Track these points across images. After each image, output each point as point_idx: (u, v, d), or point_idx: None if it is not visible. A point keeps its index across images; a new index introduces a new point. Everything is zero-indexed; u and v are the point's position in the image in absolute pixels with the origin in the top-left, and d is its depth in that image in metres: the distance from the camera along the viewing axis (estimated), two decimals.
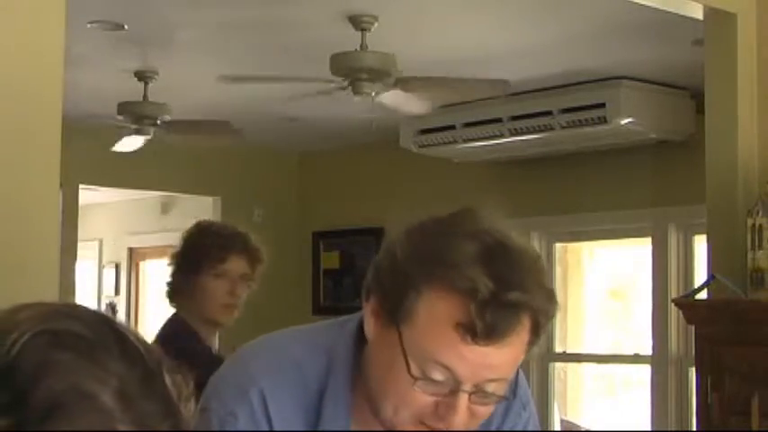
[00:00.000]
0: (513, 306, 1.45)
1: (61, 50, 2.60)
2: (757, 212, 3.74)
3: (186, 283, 3.31)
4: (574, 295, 7.16)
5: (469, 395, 1.49)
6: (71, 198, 7.50)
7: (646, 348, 6.52)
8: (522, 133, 6.33)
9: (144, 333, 0.88)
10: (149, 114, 6.16)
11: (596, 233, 6.94)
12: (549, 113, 6.17)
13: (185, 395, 0.85)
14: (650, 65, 5.74)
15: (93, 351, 0.81)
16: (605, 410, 7.26)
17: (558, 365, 7.03)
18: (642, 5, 4.13)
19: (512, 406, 1.67)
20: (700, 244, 6.07)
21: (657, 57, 5.55)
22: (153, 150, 6.84)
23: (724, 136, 4.02)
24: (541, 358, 6.86)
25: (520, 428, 1.71)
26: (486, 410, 1.54)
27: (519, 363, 1.53)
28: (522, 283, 1.45)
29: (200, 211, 8.84)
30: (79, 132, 5.42)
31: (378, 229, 7.66)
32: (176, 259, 3.37)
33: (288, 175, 8.60)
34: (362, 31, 5.03)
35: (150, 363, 0.84)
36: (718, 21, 4.07)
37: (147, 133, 6.19)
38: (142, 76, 6.09)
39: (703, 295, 3.97)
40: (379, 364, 1.54)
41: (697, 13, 4.13)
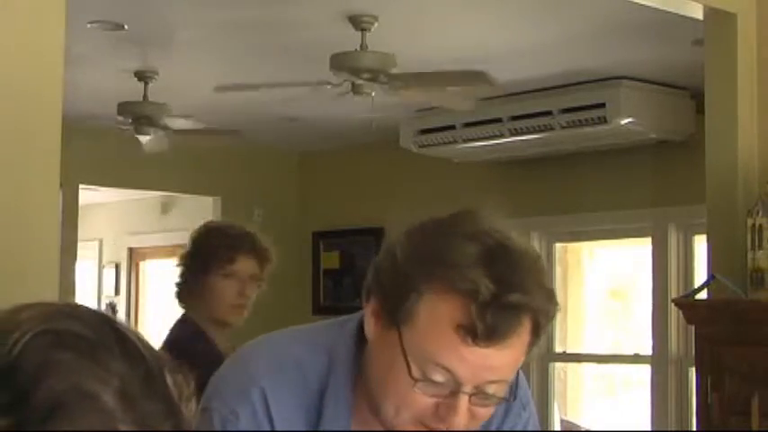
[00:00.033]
0: (514, 307, 1.44)
1: (61, 50, 2.60)
2: (757, 212, 3.74)
3: (195, 284, 3.30)
4: (574, 295, 7.16)
5: (470, 397, 1.49)
6: (71, 198, 7.49)
7: (646, 348, 6.52)
8: (522, 133, 6.33)
9: (144, 333, 0.88)
10: (149, 114, 6.16)
11: (596, 233, 6.93)
12: (549, 113, 6.16)
13: (186, 395, 0.85)
14: (650, 65, 5.74)
15: (94, 351, 0.81)
16: (605, 410, 7.26)
17: (558, 365, 7.03)
18: (642, 5, 4.13)
19: (512, 406, 1.67)
20: (700, 244, 6.06)
21: (657, 57, 5.55)
22: (153, 150, 6.82)
23: (724, 136, 4.02)
24: (541, 358, 6.86)
25: (520, 428, 1.71)
26: (487, 412, 1.54)
27: (519, 364, 1.53)
28: (523, 284, 1.45)
29: (200, 211, 8.84)
30: (79, 132, 5.42)
31: (378, 229, 7.66)
32: (185, 260, 3.37)
33: (288, 175, 8.60)
34: (362, 31, 5.03)
35: (151, 363, 0.84)
36: (718, 21, 4.07)
37: (148, 133, 6.19)
38: (142, 76, 6.09)
39: (703, 295, 3.97)
40: (380, 364, 1.54)
41: (697, 13, 4.13)
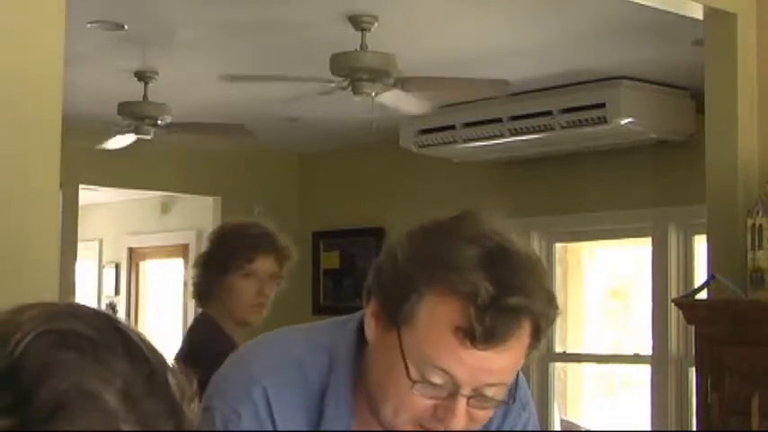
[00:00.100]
0: (514, 310, 1.44)
1: (61, 50, 2.60)
2: (757, 212, 3.74)
3: (214, 284, 3.31)
4: (574, 295, 7.16)
5: (468, 399, 1.48)
6: (71, 198, 7.49)
7: (646, 348, 6.52)
8: (522, 133, 6.33)
9: (144, 333, 0.88)
10: (149, 114, 6.15)
11: (596, 233, 6.93)
12: (549, 113, 6.16)
13: (189, 395, 0.85)
14: (650, 65, 5.74)
15: (96, 351, 0.81)
16: (605, 410, 7.26)
17: (558, 365, 7.03)
18: (642, 5, 4.13)
19: (511, 407, 1.66)
20: (700, 244, 6.06)
21: (657, 57, 5.55)
22: (153, 150, 6.84)
23: (724, 136, 4.02)
24: (541, 358, 6.86)
25: (519, 429, 1.71)
26: (485, 415, 1.54)
27: (519, 367, 1.53)
28: (523, 287, 1.45)
29: (200, 211, 8.86)
30: (79, 132, 5.41)
31: (378, 229, 7.66)
32: (203, 260, 3.38)
33: (288, 175, 8.60)
34: (362, 31, 5.03)
35: (154, 363, 0.83)
36: (718, 21, 4.07)
37: (148, 133, 6.19)
38: (142, 76, 6.09)
39: (703, 295, 3.97)
40: (379, 366, 1.54)
41: (697, 13, 4.13)
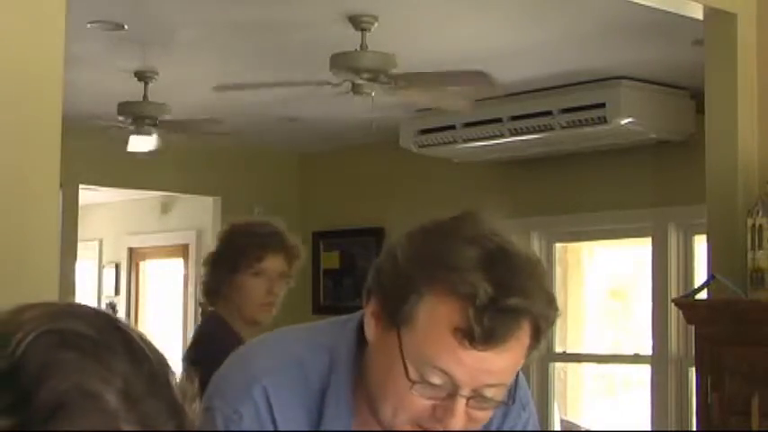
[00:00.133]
0: (513, 311, 1.44)
1: (61, 50, 2.60)
2: (757, 212, 3.74)
3: (224, 283, 3.32)
4: (574, 295, 7.16)
5: (467, 400, 1.48)
6: (71, 198, 7.49)
7: (646, 348, 6.52)
8: (522, 133, 6.33)
9: (145, 333, 0.88)
10: (149, 114, 6.16)
11: (596, 233, 6.93)
12: (549, 113, 6.16)
13: (190, 395, 0.85)
14: (650, 65, 5.74)
15: (97, 350, 0.81)
16: (605, 410, 7.26)
17: (558, 365, 7.03)
18: (642, 5, 4.13)
19: (511, 407, 1.67)
20: (700, 244, 6.06)
21: (657, 57, 5.55)
22: (153, 150, 6.81)
23: (724, 136, 4.02)
24: (541, 358, 6.85)
25: (519, 429, 1.71)
26: (485, 415, 1.54)
27: (519, 368, 1.53)
28: (523, 288, 1.45)
29: (200, 211, 8.86)
30: (79, 132, 5.41)
31: (378, 229, 7.66)
32: (212, 258, 3.38)
33: (288, 175, 8.59)
34: (362, 31, 5.03)
35: (155, 363, 0.83)
36: (718, 21, 4.07)
37: (148, 133, 6.19)
38: (142, 76, 6.09)
39: (703, 295, 3.97)
40: (379, 366, 1.54)
41: (697, 13, 4.13)
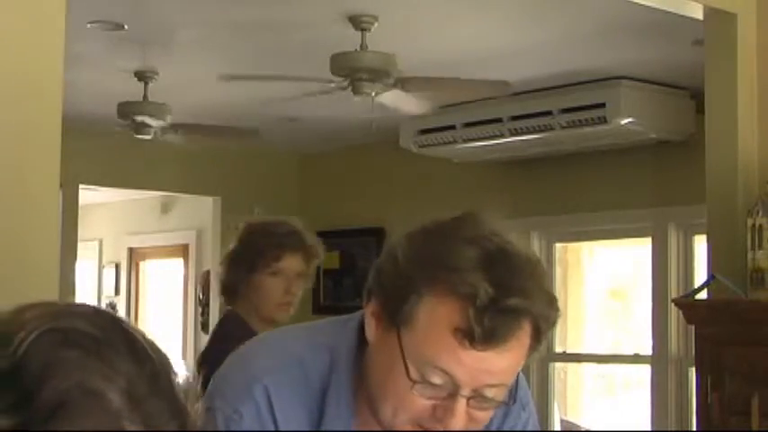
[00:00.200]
0: (513, 311, 1.44)
1: (61, 50, 2.60)
2: (757, 212, 3.74)
3: (242, 282, 3.32)
4: (574, 295, 7.16)
5: (468, 400, 1.48)
6: (71, 198, 7.49)
7: (646, 348, 6.52)
8: (523, 133, 6.33)
9: (147, 333, 0.87)
10: (149, 114, 6.16)
11: (596, 233, 6.93)
12: (549, 113, 6.16)
13: (193, 395, 0.85)
14: (650, 65, 5.74)
15: (100, 349, 0.80)
16: (605, 410, 7.26)
17: (558, 365, 7.03)
18: (642, 5, 4.13)
19: (511, 407, 1.67)
20: (700, 244, 6.06)
21: (657, 57, 5.55)
22: (153, 150, 6.83)
23: (724, 136, 4.02)
24: (541, 358, 6.85)
25: (519, 428, 1.71)
26: (485, 415, 1.54)
27: (519, 368, 1.53)
28: (523, 288, 1.45)
29: (200, 211, 8.86)
30: (79, 132, 5.41)
31: (378, 229, 7.66)
32: (230, 258, 3.38)
33: (288, 175, 8.59)
34: (362, 31, 5.03)
35: (158, 362, 0.83)
36: (718, 21, 4.07)
37: (148, 133, 6.19)
38: (142, 76, 6.09)
39: (703, 295, 3.97)
40: (379, 366, 1.54)
41: (697, 13, 4.13)
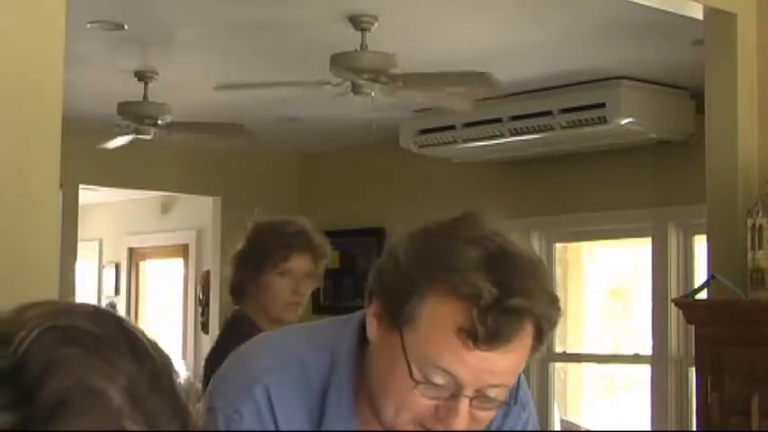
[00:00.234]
0: (516, 311, 1.44)
1: (61, 50, 2.60)
2: (757, 212, 3.74)
3: (250, 282, 3.31)
4: (574, 295, 7.16)
5: (470, 400, 1.49)
6: (71, 198, 7.49)
7: (646, 348, 6.52)
8: (522, 133, 6.33)
9: (148, 332, 0.87)
10: (149, 114, 6.15)
11: (596, 233, 6.93)
12: (549, 113, 6.16)
13: (194, 395, 0.85)
14: (650, 65, 5.74)
15: (101, 348, 0.80)
16: (605, 410, 7.26)
17: (558, 365, 7.03)
18: (642, 5, 4.13)
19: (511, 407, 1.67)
20: (700, 244, 6.06)
21: (657, 57, 5.54)
22: (153, 150, 6.83)
23: (724, 136, 4.02)
24: (541, 358, 6.84)
25: (519, 428, 1.71)
26: (487, 416, 1.54)
27: (521, 369, 1.53)
28: (526, 288, 1.45)
29: (200, 211, 8.86)
30: (79, 132, 5.41)
31: (378, 229, 7.66)
32: (238, 258, 3.38)
33: (288, 175, 8.59)
34: (362, 31, 5.03)
35: (159, 362, 0.83)
36: (718, 21, 4.07)
37: (148, 133, 6.19)
38: (142, 76, 6.09)
39: (703, 295, 3.97)
40: (381, 366, 1.54)
41: (697, 13, 4.13)
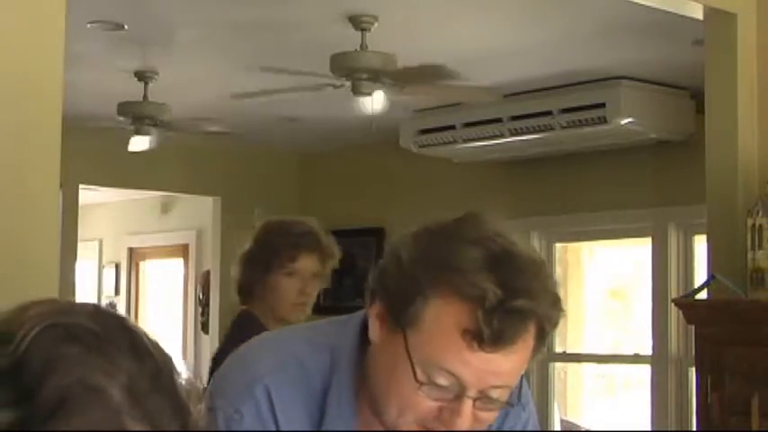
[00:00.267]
0: (520, 313, 1.44)
1: (61, 50, 2.60)
2: (757, 212, 3.74)
3: (257, 282, 3.31)
4: (574, 295, 7.16)
5: (474, 401, 1.49)
6: (71, 198, 7.49)
7: (646, 348, 6.52)
8: (522, 133, 6.33)
9: (149, 332, 0.87)
10: (149, 114, 6.16)
11: (596, 233, 6.93)
12: (549, 113, 6.16)
13: (195, 395, 0.84)
14: (650, 65, 5.74)
15: (101, 345, 0.80)
16: (605, 410, 7.26)
17: (558, 365, 7.03)
18: (642, 5, 4.13)
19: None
20: (700, 244, 6.06)
21: (657, 57, 5.54)
22: (153, 150, 6.82)
23: (724, 136, 4.02)
24: (542, 358, 6.82)
25: (519, 428, 1.71)
26: (490, 416, 1.54)
27: (524, 370, 1.53)
28: (529, 289, 1.45)
29: (200, 211, 8.86)
30: (79, 132, 5.41)
31: (378, 229, 7.66)
32: (246, 258, 3.37)
33: (288, 175, 8.59)
34: (362, 31, 5.03)
35: (159, 361, 0.83)
36: (718, 21, 4.07)
37: (148, 133, 6.19)
38: (142, 76, 6.09)
39: (703, 295, 3.97)
40: (384, 367, 1.54)
41: (697, 13, 4.13)
